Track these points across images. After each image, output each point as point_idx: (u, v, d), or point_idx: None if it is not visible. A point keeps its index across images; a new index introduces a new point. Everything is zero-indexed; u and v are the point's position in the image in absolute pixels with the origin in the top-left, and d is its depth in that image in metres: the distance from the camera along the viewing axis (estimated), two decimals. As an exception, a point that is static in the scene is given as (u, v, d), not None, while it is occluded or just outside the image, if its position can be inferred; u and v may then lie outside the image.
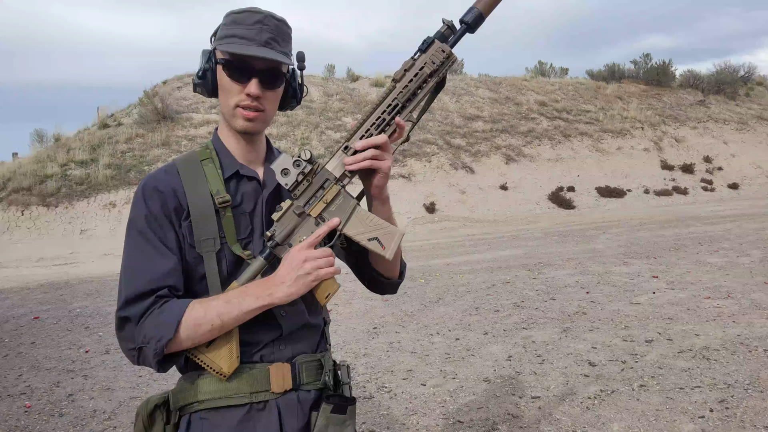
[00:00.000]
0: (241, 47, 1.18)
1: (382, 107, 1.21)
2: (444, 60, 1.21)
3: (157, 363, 1.15)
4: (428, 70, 1.20)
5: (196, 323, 1.14)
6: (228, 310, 1.14)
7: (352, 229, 1.21)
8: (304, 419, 1.25)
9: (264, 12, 1.21)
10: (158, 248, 1.19)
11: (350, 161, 1.19)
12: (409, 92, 1.21)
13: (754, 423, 3.08)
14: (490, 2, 1.24)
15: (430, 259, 9.04)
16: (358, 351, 4.64)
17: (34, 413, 3.65)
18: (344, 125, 18.20)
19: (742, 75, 26.87)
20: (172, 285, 1.18)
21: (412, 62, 1.21)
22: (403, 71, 1.21)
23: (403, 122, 1.21)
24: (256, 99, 1.21)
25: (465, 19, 1.23)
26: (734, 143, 22.33)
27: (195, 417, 1.21)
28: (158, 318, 1.14)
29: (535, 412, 3.37)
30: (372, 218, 1.22)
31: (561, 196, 16.92)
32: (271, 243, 1.20)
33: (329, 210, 1.21)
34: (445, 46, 1.21)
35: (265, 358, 1.24)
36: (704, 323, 4.98)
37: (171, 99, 17.54)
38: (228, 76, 1.21)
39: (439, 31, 1.22)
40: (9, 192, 13.16)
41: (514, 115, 20.81)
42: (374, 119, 1.21)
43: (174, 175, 1.24)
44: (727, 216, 13.44)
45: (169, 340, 1.12)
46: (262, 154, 1.33)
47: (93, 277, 8.75)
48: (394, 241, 1.21)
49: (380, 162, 1.19)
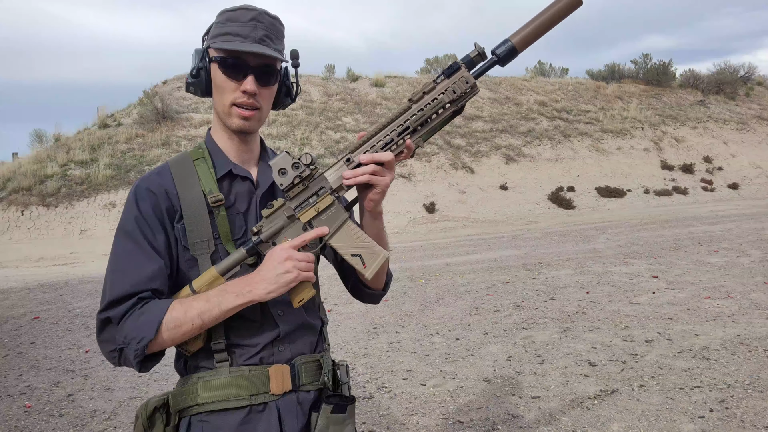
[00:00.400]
0: (236, 44, 1.18)
1: (393, 126, 1.18)
2: (466, 91, 1.17)
3: (138, 363, 1.14)
4: (447, 98, 1.17)
5: (176, 324, 1.13)
6: (208, 309, 1.13)
7: (339, 241, 1.20)
8: (304, 420, 1.25)
9: (258, 9, 1.21)
10: (145, 250, 1.18)
11: (349, 175, 1.17)
12: (424, 117, 1.18)
13: (754, 423, 3.08)
14: (525, 39, 1.19)
15: (430, 259, 9.04)
16: (358, 351, 4.64)
17: (34, 413, 3.65)
18: (344, 125, 18.21)
19: (742, 75, 26.88)
20: (156, 288, 1.17)
21: (433, 85, 1.17)
22: (421, 93, 1.18)
23: (413, 145, 1.19)
24: (252, 96, 1.20)
25: (497, 52, 1.19)
26: (734, 143, 22.33)
27: (195, 420, 1.21)
28: (139, 318, 1.13)
29: (535, 412, 3.37)
30: (360, 235, 1.21)
31: (561, 196, 16.92)
32: (256, 238, 1.19)
33: (319, 218, 1.20)
34: (470, 76, 1.17)
35: (265, 360, 1.23)
36: (704, 323, 4.98)
37: (171, 99, 17.54)
38: (223, 73, 1.20)
39: (468, 55, 1.17)
40: (9, 192, 13.16)
41: (514, 115, 20.82)
42: (382, 136, 1.18)
43: (166, 176, 1.24)
44: (727, 216, 13.45)
45: (150, 340, 1.12)
46: (256, 154, 1.32)
47: (93, 277, 8.75)
48: (377, 262, 1.21)
49: (379, 178, 1.17)
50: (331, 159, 16.40)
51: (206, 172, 1.24)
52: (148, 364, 1.17)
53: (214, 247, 1.21)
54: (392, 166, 1.18)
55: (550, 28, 1.19)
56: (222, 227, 1.21)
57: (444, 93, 1.17)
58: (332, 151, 16.75)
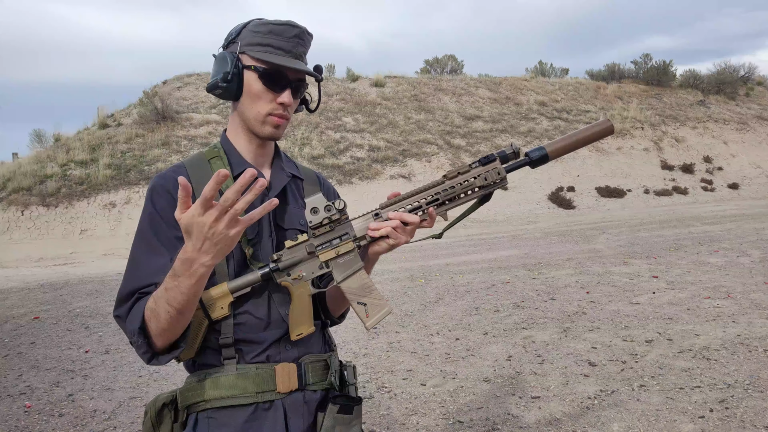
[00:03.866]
0: (281, 59, 1.22)
1: (424, 195, 1.26)
2: (496, 180, 1.27)
3: (143, 354, 1.15)
4: (479, 183, 1.26)
5: (154, 313, 1.12)
6: (172, 296, 1.09)
7: (349, 287, 1.26)
8: (310, 419, 1.26)
9: (301, 27, 1.26)
10: (152, 246, 1.19)
11: (375, 227, 1.23)
12: (454, 194, 1.26)
13: (754, 423, 3.08)
14: (558, 151, 1.30)
15: (430, 259, 9.04)
16: (358, 351, 4.64)
17: (34, 413, 3.65)
18: (344, 125, 18.21)
19: (742, 75, 26.89)
20: (159, 281, 1.16)
21: (468, 169, 1.27)
22: (456, 173, 1.27)
23: (435, 213, 1.26)
24: (286, 108, 1.26)
25: (531, 155, 1.30)
26: (734, 143, 22.34)
27: (202, 416, 1.22)
28: (132, 313, 1.16)
29: (535, 412, 3.37)
30: (370, 285, 1.27)
31: (561, 196, 16.93)
32: (274, 265, 1.22)
33: (337, 260, 1.25)
34: (502, 169, 1.27)
35: (272, 358, 1.25)
36: (704, 323, 4.98)
37: (171, 99, 17.55)
38: (264, 84, 1.23)
39: (504, 150, 1.28)
40: (9, 192, 13.17)
41: (514, 115, 20.82)
42: (412, 201, 1.26)
43: (182, 173, 1.26)
44: (727, 216, 13.45)
45: (138, 330, 1.13)
46: (270, 157, 1.35)
47: (93, 277, 8.75)
48: (380, 314, 1.26)
49: (399, 235, 1.24)
50: (330, 159, 16.40)
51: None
52: (162, 357, 1.17)
53: None
54: (414, 230, 1.25)
55: (581, 147, 1.34)
56: None
57: (476, 178, 1.27)
58: (332, 151, 16.75)
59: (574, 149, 1.32)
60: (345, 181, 15.67)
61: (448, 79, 23.38)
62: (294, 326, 1.22)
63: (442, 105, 20.80)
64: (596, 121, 1.36)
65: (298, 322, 1.23)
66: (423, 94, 21.27)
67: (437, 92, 21.69)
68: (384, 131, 18.41)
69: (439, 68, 26.04)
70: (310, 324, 1.24)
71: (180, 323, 1.14)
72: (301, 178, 1.39)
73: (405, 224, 1.24)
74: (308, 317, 1.23)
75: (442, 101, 21.09)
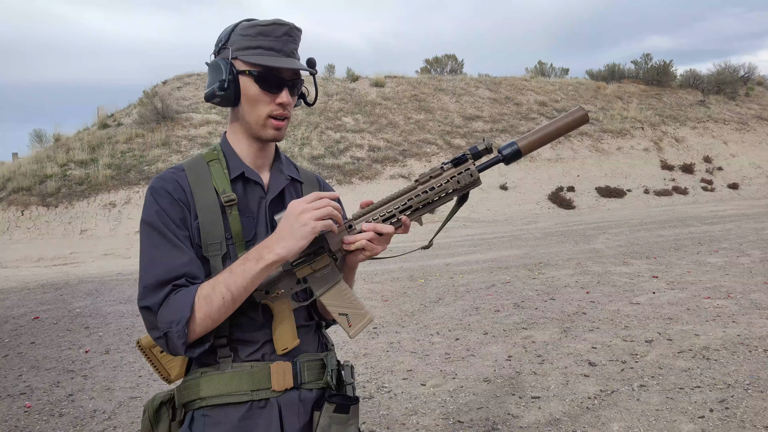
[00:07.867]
0: (274, 60, 1.23)
1: (396, 203, 1.26)
2: (469, 183, 1.26)
3: (183, 345, 1.15)
4: (451, 187, 1.25)
5: (207, 299, 1.14)
6: (234, 280, 1.14)
7: (329, 299, 1.26)
8: (306, 418, 1.27)
9: (289, 24, 1.25)
10: (172, 241, 1.20)
11: (350, 240, 1.23)
12: (426, 200, 1.25)
13: (754, 423, 3.08)
14: (530, 145, 1.28)
15: (430, 259, 9.04)
16: (358, 351, 4.64)
17: (34, 413, 3.65)
18: (344, 125, 18.20)
19: (742, 75, 26.88)
20: (189, 273, 1.19)
21: (441, 171, 1.26)
22: (428, 177, 1.26)
23: (409, 221, 1.26)
24: (286, 107, 1.26)
25: (503, 152, 1.29)
26: (734, 143, 22.33)
27: (198, 414, 1.23)
28: (174, 302, 1.15)
29: (535, 412, 3.37)
30: (350, 295, 1.27)
31: (561, 196, 16.92)
32: None
33: (314, 275, 1.25)
34: (475, 171, 1.25)
35: (267, 356, 1.25)
36: (704, 323, 4.98)
37: (171, 99, 17.54)
38: (261, 87, 1.24)
39: (476, 147, 1.26)
40: (9, 192, 13.16)
41: (514, 115, 20.82)
42: (385, 210, 1.25)
43: (181, 175, 1.27)
44: (727, 216, 13.45)
45: (187, 319, 1.13)
46: (270, 160, 1.36)
47: (93, 277, 8.75)
48: (362, 323, 1.27)
49: (375, 246, 1.24)
50: (330, 159, 16.40)
51: (220, 173, 1.28)
52: (195, 348, 1.18)
53: (226, 248, 1.24)
54: (389, 239, 1.25)
55: (554, 139, 1.30)
56: (234, 226, 1.24)
57: (449, 181, 1.25)
58: (332, 151, 16.75)
59: (548, 141, 1.29)
60: (345, 181, 15.67)
61: (448, 79, 23.37)
62: (278, 342, 1.24)
63: (442, 105, 20.79)
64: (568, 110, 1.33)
65: (282, 338, 1.24)
66: (423, 94, 21.27)
67: (437, 92, 21.68)
68: (384, 131, 18.40)
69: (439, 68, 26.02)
70: (294, 338, 1.24)
71: (227, 312, 1.16)
72: (301, 182, 1.40)
73: (380, 234, 1.24)
74: (291, 332, 1.24)
75: (442, 101, 21.09)
